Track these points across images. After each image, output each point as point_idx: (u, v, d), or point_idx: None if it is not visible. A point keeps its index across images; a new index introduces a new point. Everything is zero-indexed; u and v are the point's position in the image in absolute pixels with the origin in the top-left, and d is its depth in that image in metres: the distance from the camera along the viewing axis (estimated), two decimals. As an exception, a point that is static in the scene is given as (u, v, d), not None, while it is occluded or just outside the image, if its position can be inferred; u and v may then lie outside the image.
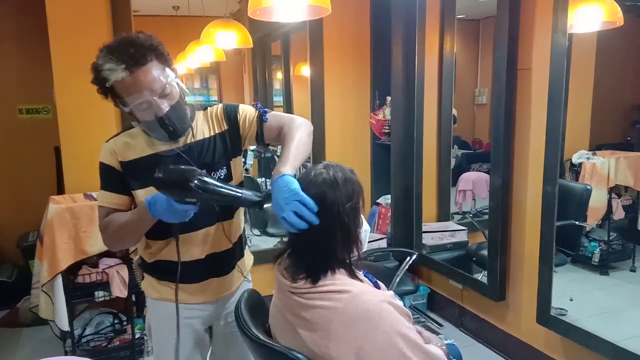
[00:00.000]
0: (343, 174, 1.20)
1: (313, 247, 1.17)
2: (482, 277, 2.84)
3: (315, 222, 1.13)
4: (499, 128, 2.48)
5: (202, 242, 1.46)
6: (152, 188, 1.26)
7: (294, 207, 1.13)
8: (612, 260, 2.72)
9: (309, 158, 3.21)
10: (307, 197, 1.14)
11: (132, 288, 2.63)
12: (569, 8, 2.09)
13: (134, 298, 2.75)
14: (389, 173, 3.40)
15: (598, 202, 2.62)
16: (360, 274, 1.26)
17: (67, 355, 2.57)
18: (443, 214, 3.42)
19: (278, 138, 1.46)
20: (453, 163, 3.44)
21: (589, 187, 2.59)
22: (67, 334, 2.61)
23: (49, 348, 2.88)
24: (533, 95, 2.38)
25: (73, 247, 2.47)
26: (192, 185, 1.16)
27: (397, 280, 2.50)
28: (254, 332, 1.24)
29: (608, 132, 2.77)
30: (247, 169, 3.85)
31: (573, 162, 2.64)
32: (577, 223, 2.65)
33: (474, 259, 3.02)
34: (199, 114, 1.47)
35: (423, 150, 3.22)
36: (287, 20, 1.88)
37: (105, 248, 2.44)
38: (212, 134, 1.45)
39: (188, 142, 1.41)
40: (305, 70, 3.53)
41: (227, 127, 1.47)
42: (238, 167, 1.51)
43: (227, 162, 1.47)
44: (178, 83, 1.35)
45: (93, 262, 2.62)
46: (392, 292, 1.22)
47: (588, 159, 2.61)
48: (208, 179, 1.20)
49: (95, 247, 2.49)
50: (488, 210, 2.70)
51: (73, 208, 2.49)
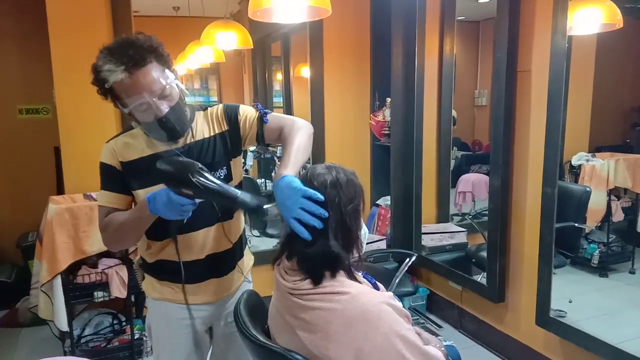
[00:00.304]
0: (345, 176, 1.20)
1: (313, 248, 1.17)
2: (481, 278, 2.84)
3: (325, 214, 1.12)
4: (499, 129, 2.48)
5: (202, 242, 1.46)
6: (152, 188, 1.26)
7: (301, 203, 1.11)
8: (611, 262, 2.72)
9: (309, 159, 3.22)
10: (310, 189, 1.13)
11: (131, 288, 2.63)
12: (569, 10, 2.10)
13: (133, 298, 2.75)
14: (389, 174, 3.40)
15: (597, 204, 2.62)
16: (360, 275, 1.26)
17: (66, 356, 2.56)
18: (442, 216, 3.42)
19: (278, 139, 1.47)
20: (452, 164, 3.44)
21: (589, 189, 2.59)
22: (66, 334, 2.61)
23: (48, 348, 2.87)
24: (533, 97, 2.38)
25: (72, 247, 2.47)
26: (190, 177, 1.17)
27: (396, 282, 2.50)
28: (253, 333, 1.24)
29: (607, 134, 2.78)
30: (247, 170, 3.85)
31: (572, 163, 2.64)
32: (576, 225, 2.65)
33: (474, 261, 3.02)
34: (199, 115, 1.47)
35: (423, 152, 3.22)
36: (287, 22, 1.88)
37: (105, 248, 2.44)
38: (212, 134, 1.46)
39: (188, 142, 1.42)
40: (305, 72, 3.53)
41: (227, 127, 1.47)
42: (238, 167, 1.52)
43: (227, 162, 1.47)
44: (178, 84, 1.35)
45: (92, 262, 2.62)
46: (391, 293, 1.22)
47: (587, 161, 2.61)
48: (207, 175, 1.20)
49: (95, 247, 2.49)
50: (487, 212, 2.70)
51: (72, 208, 2.49)
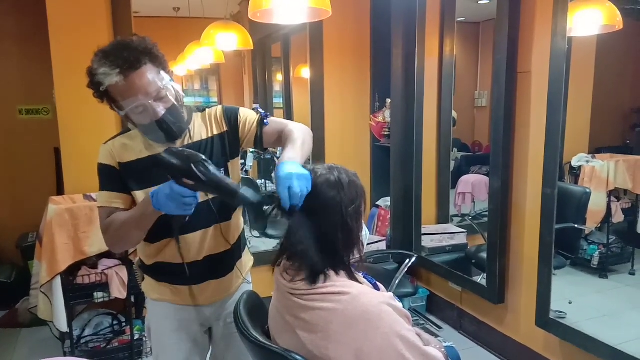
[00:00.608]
0: (347, 177, 1.20)
1: (313, 248, 1.16)
2: (481, 279, 2.83)
3: (306, 191, 1.13)
4: (499, 131, 2.48)
5: (199, 243, 1.45)
6: (151, 189, 1.26)
7: (304, 183, 1.12)
8: (611, 264, 2.72)
9: (309, 160, 3.22)
10: (307, 172, 1.15)
11: (131, 289, 2.63)
12: (569, 11, 2.10)
13: (133, 299, 2.75)
14: (389, 175, 3.40)
15: (597, 205, 2.62)
16: (360, 276, 1.26)
17: (65, 357, 2.56)
18: (442, 217, 3.42)
19: (276, 143, 1.47)
20: (452, 165, 3.44)
21: (588, 190, 2.59)
22: (66, 335, 2.61)
23: (48, 349, 2.87)
24: (532, 98, 2.38)
25: (72, 247, 2.47)
26: (193, 167, 1.17)
27: (396, 283, 2.50)
28: (253, 333, 1.24)
29: (607, 135, 2.78)
30: (246, 171, 3.85)
31: (572, 165, 2.64)
32: (576, 226, 2.65)
33: (473, 262, 3.02)
34: (197, 116, 1.47)
35: (423, 153, 3.22)
36: (287, 23, 1.88)
37: (105, 249, 2.45)
38: (210, 136, 1.46)
39: (186, 143, 1.41)
40: (305, 72, 3.53)
41: (227, 128, 1.47)
42: (236, 169, 1.52)
43: (224, 163, 1.47)
44: (174, 85, 1.34)
45: (92, 263, 2.62)
46: (391, 294, 1.22)
47: (587, 162, 2.61)
48: (210, 167, 1.20)
49: (94, 247, 2.49)
50: (487, 213, 2.70)
51: (72, 209, 2.49)
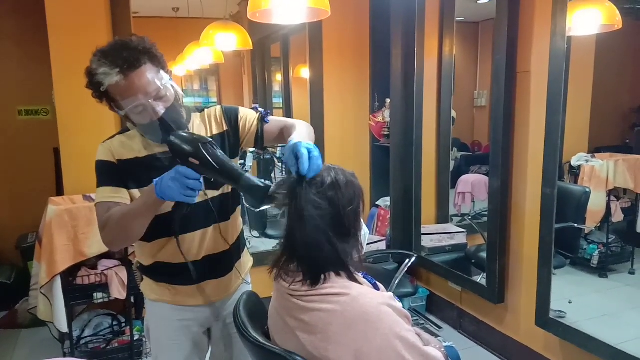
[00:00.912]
0: (345, 177, 1.20)
1: (312, 249, 1.16)
2: (481, 279, 2.83)
3: (304, 171, 1.17)
4: (498, 130, 2.48)
5: (198, 243, 1.45)
6: (148, 189, 1.25)
7: (311, 149, 1.19)
8: (611, 263, 2.72)
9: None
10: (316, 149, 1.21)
11: (131, 289, 2.63)
12: (568, 11, 2.10)
13: (133, 300, 2.75)
14: (388, 175, 3.40)
15: (597, 204, 2.62)
16: (360, 276, 1.26)
17: (65, 357, 2.56)
18: (442, 216, 3.42)
19: (277, 139, 1.47)
20: (452, 165, 3.44)
21: (588, 189, 2.59)
22: (65, 336, 2.60)
23: (48, 350, 2.87)
24: (532, 98, 2.38)
25: (72, 248, 2.46)
26: (200, 147, 1.20)
27: (396, 282, 2.50)
28: (253, 334, 1.24)
29: (607, 134, 2.78)
30: (246, 171, 3.85)
31: (572, 164, 2.64)
32: (576, 225, 2.65)
33: (473, 261, 3.02)
34: (196, 116, 1.47)
35: (422, 153, 3.22)
36: (286, 23, 1.88)
37: (104, 249, 2.44)
38: (209, 136, 1.45)
39: None
40: (305, 72, 3.53)
41: (227, 128, 1.47)
42: None
43: None
44: (173, 85, 1.34)
45: (92, 263, 2.62)
46: (391, 294, 1.22)
47: (587, 162, 2.61)
48: (217, 150, 1.23)
49: (94, 249, 2.48)
50: (487, 213, 2.70)
51: (72, 210, 2.48)
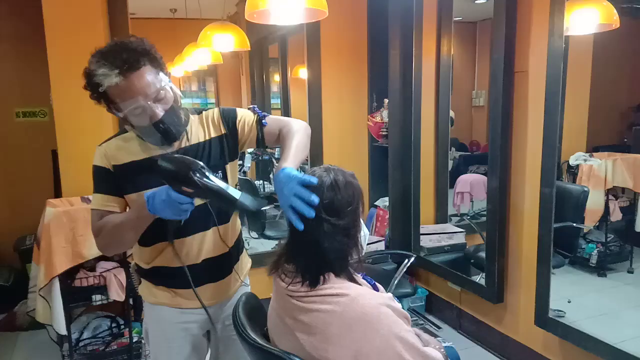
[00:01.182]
0: (344, 178, 1.20)
1: (312, 250, 1.16)
2: (480, 279, 2.84)
3: (315, 201, 1.11)
4: (496, 130, 2.48)
5: (197, 247, 1.45)
6: (145, 192, 1.25)
7: (296, 190, 1.11)
8: (609, 262, 2.72)
9: (307, 160, 3.22)
10: (306, 175, 1.14)
11: (129, 291, 2.62)
12: (566, 10, 2.10)
13: (132, 301, 2.74)
14: (387, 175, 3.40)
15: (595, 203, 2.62)
16: (359, 277, 1.26)
17: (64, 360, 2.56)
18: (441, 216, 3.42)
19: (278, 141, 1.47)
20: (450, 165, 3.44)
21: (586, 188, 2.60)
22: (64, 338, 2.60)
23: (46, 352, 2.87)
24: (530, 98, 2.38)
25: (70, 250, 2.46)
26: (192, 175, 1.16)
27: (395, 283, 2.50)
28: (252, 336, 1.24)
29: (605, 133, 2.78)
30: (244, 172, 3.85)
31: (570, 164, 2.64)
32: (574, 225, 2.65)
33: (472, 261, 3.02)
34: (194, 118, 1.46)
35: (421, 153, 3.22)
36: (284, 23, 1.88)
37: (103, 251, 2.44)
38: (207, 138, 1.45)
39: (183, 146, 1.40)
40: (303, 73, 3.52)
41: (225, 131, 1.47)
42: (234, 171, 1.51)
43: (222, 166, 1.46)
44: (172, 87, 1.34)
45: (90, 265, 2.61)
46: (390, 294, 1.22)
47: (585, 161, 2.62)
48: (209, 174, 1.19)
49: (92, 250, 2.47)
50: (486, 212, 2.70)
51: (70, 211, 2.48)
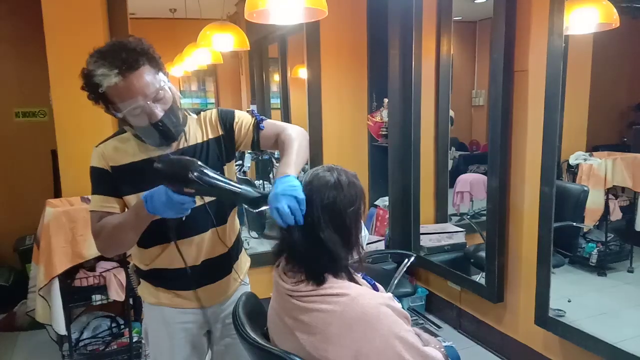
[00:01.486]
0: (347, 178, 1.20)
1: (313, 249, 1.16)
2: (480, 278, 2.84)
3: (300, 222, 1.15)
4: (496, 129, 2.48)
5: (196, 248, 1.44)
6: (144, 193, 1.24)
7: (289, 201, 1.14)
8: (609, 261, 2.72)
9: (307, 161, 3.22)
10: (303, 196, 1.15)
11: (129, 291, 2.62)
12: (565, 10, 2.10)
13: (132, 301, 2.74)
14: (387, 175, 3.40)
15: (595, 203, 2.62)
16: (359, 277, 1.26)
17: (64, 360, 2.56)
18: (441, 216, 3.42)
19: (274, 145, 1.47)
20: (450, 165, 3.44)
21: (586, 188, 2.59)
22: (64, 338, 2.60)
23: (46, 352, 2.87)
24: (530, 97, 2.38)
25: (70, 250, 2.46)
26: (191, 176, 1.16)
27: (395, 282, 2.50)
28: (252, 335, 1.24)
29: (605, 133, 2.78)
30: (244, 172, 3.85)
31: (570, 163, 2.64)
32: (574, 224, 2.65)
33: (472, 261, 3.02)
34: (192, 119, 1.46)
35: (420, 152, 3.22)
36: (283, 23, 1.87)
37: (103, 251, 2.44)
38: (205, 139, 1.45)
39: (181, 147, 1.40)
40: (303, 73, 3.52)
41: (222, 132, 1.46)
42: (231, 172, 1.51)
43: (220, 167, 1.46)
44: (170, 87, 1.34)
45: (90, 265, 2.61)
46: (390, 294, 1.22)
47: (585, 160, 2.62)
48: (208, 171, 1.19)
49: (92, 250, 2.47)
50: (486, 212, 2.70)
51: (70, 211, 2.48)
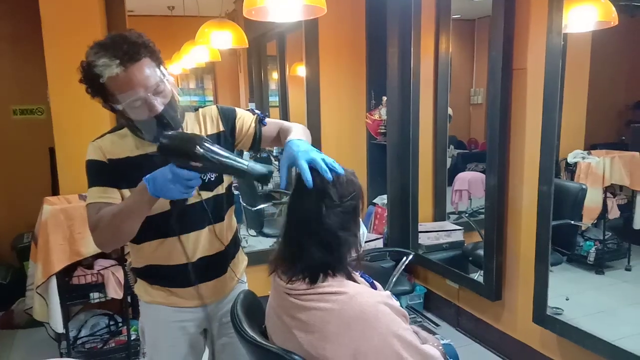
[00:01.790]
0: (345, 175, 1.20)
1: (311, 247, 1.16)
2: (478, 276, 2.84)
3: (340, 172, 1.18)
4: (495, 128, 2.48)
5: (193, 245, 1.44)
6: None
7: (321, 155, 1.18)
8: (607, 260, 2.73)
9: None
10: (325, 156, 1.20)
11: (127, 289, 2.62)
12: (564, 8, 2.10)
13: (130, 299, 2.74)
14: (385, 173, 3.40)
15: (593, 201, 2.62)
16: (357, 275, 1.26)
17: (62, 357, 2.55)
18: (439, 214, 3.42)
19: (274, 142, 1.48)
20: (449, 163, 3.45)
21: (584, 186, 2.60)
22: (62, 336, 2.60)
23: (44, 350, 2.86)
24: (528, 95, 2.38)
25: (67, 248, 2.46)
26: (199, 149, 1.13)
27: (393, 281, 2.50)
28: (250, 333, 1.24)
29: (603, 131, 2.78)
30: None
31: (568, 161, 2.65)
32: (572, 222, 2.66)
33: (470, 259, 3.03)
34: (189, 115, 1.45)
35: (419, 150, 3.22)
36: (282, 20, 1.87)
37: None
38: (203, 135, 1.44)
39: None
40: (301, 70, 3.52)
41: (223, 128, 1.46)
42: None
43: None
44: (170, 81, 1.33)
45: (88, 263, 2.61)
46: (388, 292, 1.22)
47: (583, 159, 2.62)
48: (213, 146, 1.16)
49: (90, 248, 2.47)
50: (484, 210, 2.70)
51: (67, 209, 2.48)
